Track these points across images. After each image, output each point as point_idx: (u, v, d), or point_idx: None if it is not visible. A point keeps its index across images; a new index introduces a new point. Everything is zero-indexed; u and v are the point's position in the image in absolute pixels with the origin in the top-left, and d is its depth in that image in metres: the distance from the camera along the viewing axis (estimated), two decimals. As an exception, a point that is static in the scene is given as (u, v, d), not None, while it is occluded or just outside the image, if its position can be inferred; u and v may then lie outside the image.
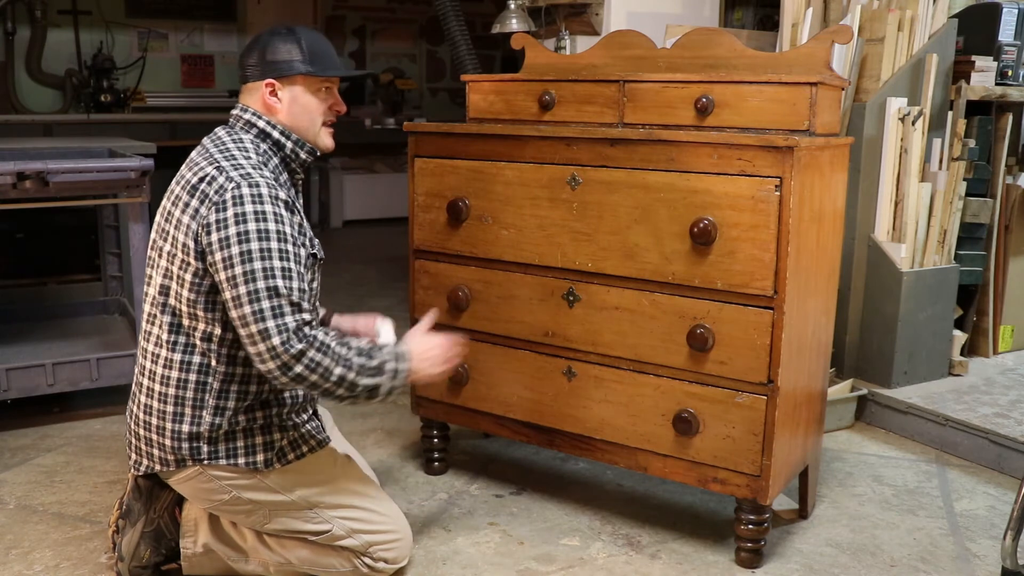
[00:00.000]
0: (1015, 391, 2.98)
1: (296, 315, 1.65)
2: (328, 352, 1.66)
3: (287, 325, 1.63)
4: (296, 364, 1.63)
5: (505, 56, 7.32)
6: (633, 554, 2.10)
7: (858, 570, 2.04)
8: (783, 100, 1.97)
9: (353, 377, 1.69)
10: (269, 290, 1.63)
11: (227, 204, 1.65)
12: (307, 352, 1.64)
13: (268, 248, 1.65)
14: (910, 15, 2.97)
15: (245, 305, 1.63)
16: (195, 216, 1.68)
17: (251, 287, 1.63)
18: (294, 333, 1.63)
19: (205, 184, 1.69)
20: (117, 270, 3.56)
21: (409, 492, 2.40)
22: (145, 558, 1.88)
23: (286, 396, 1.85)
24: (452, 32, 3.93)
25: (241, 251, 1.64)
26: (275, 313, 1.63)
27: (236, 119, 1.84)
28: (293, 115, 1.82)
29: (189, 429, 1.76)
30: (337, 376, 1.67)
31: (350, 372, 1.68)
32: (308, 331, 1.65)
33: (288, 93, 1.81)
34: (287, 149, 1.83)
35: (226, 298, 1.66)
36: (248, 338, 1.64)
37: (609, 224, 2.02)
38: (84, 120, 5.63)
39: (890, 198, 2.98)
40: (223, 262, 1.64)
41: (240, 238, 1.64)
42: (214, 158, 1.73)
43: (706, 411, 1.97)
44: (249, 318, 1.63)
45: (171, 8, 6.39)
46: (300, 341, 1.64)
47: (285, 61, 1.79)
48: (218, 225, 1.65)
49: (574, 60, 2.45)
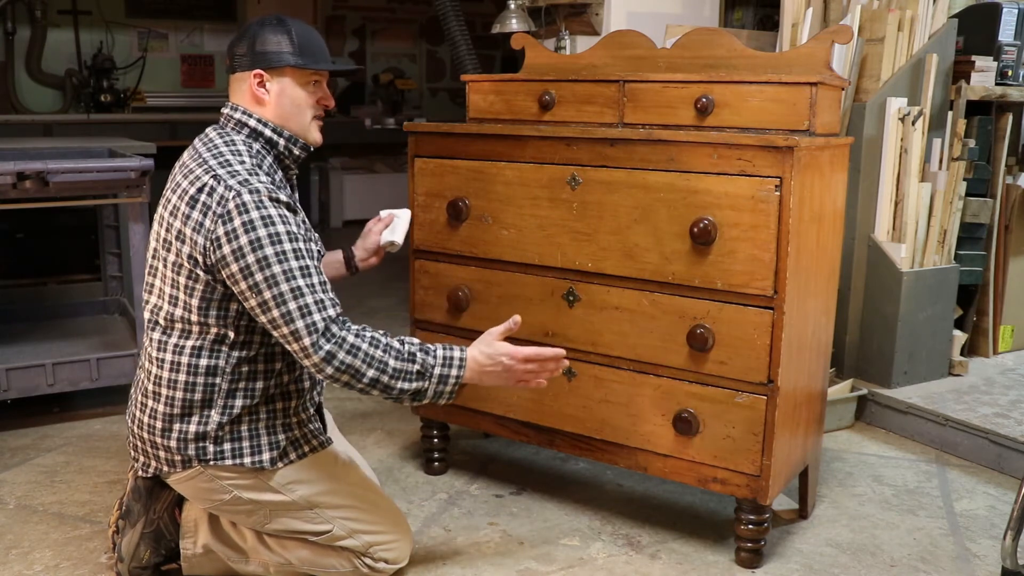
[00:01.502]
0: (1015, 391, 2.98)
1: (322, 312, 1.65)
2: (358, 354, 1.65)
3: (316, 325, 1.64)
4: (327, 366, 1.64)
5: (505, 56, 7.32)
6: (633, 554, 2.10)
7: (858, 570, 2.04)
8: (783, 100, 1.97)
9: (387, 381, 1.68)
10: (293, 291, 1.64)
11: (232, 215, 1.65)
12: (336, 355, 1.64)
13: (283, 251, 1.65)
14: (910, 15, 2.97)
15: (272, 310, 1.64)
16: (200, 230, 1.67)
17: (274, 291, 1.63)
18: (323, 334, 1.64)
19: (205, 195, 1.68)
20: (117, 270, 3.56)
21: (409, 492, 2.40)
22: (145, 559, 1.88)
23: (291, 392, 1.86)
24: (452, 32, 3.93)
25: (257, 259, 1.63)
26: (302, 313, 1.63)
27: (227, 119, 1.82)
28: (281, 107, 1.81)
29: (196, 429, 1.76)
30: (369, 379, 1.67)
31: (383, 375, 1.67)
32: (337, 330, 1.65)
33: (277, 85, 1.80)
34: (280, 147, 1.82)
35: (251, 305, 1.66)
36: (282, 339, 1.67)
37: (609, 224, 2.02)
38: (84, 120, 5.63)
39: (890, 198, 2.98)
40: (241, 272, 1.64)
41: (253, 246, 1.64)
42: (208, 164, 1.71)
43: (706, 411, 1.97)
44: (279, 321, 1.64)
45: (171, 8, 6.39)
46: (328, 342, 1.64)
47: (275, 52, 1.78)
48: (228, 237, 1.64)
49: (574, 60, 2.45)
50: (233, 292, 1.71)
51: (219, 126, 1.83)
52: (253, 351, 1.77)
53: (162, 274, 1.76)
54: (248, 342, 1.76)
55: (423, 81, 7.61)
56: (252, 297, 1.65)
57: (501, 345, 1.77)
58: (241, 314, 1.74)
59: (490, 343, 1.78)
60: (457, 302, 2.25)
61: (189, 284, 1.72)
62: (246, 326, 1.76)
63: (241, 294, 1.67)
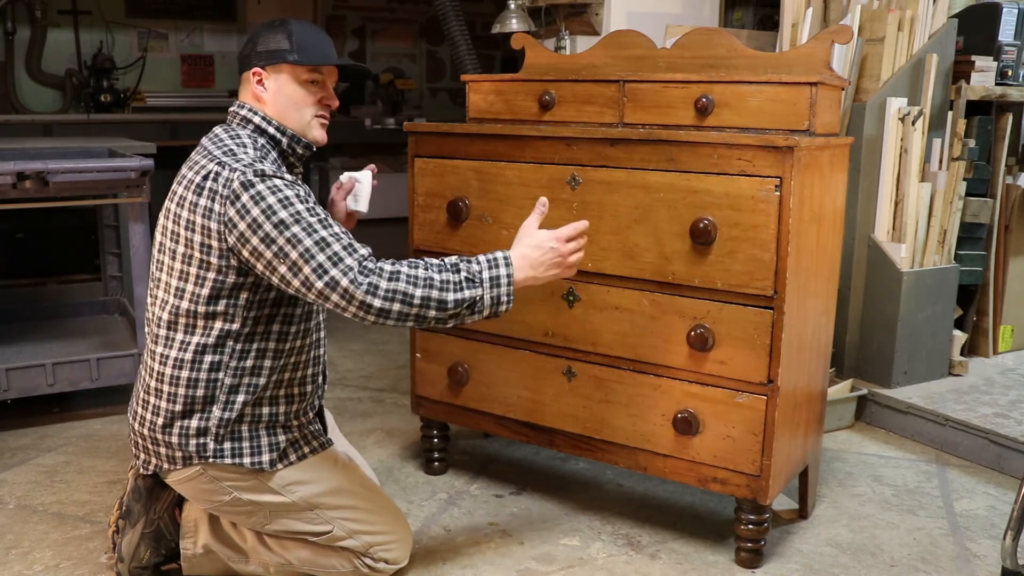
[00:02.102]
0: (1015, 391, 2.98)
1: (353, 255, 1.64)
2: (400, 277, 1.64)
3: (349, 266, 1.63)
4: (374, 299, 1.62)
5: (505, 56, 7.31)
6: (633, 554, 2.10)
7: (858, 570, 2.04)
8: (783, 100, 1.97)
9: (439, 296, 1.65)
10: (318, 244, 1.63)
11: (239, 192, 1.66)
12: (379, 284, 1.62)
13: (296, 211, 1.65)
14: (910, 15, 2.97)
15: (303, 267, 1.62)
16: (210, 215, 1.68)
17: (300, 248, 1.62)
18: (359, 272, 1.63)
19: (211, 181, 1.69)
20: (117, 270, 3.56)
21: (409, 492, 2.40)
22: (145, 559, 1.88)
23: (294, 394, 1.86)
24: (452, 32, 3.93)
25: (274, 223, 1.64)
26: (333, 261, 1.63)
27: (233, 116, 1.84)
28: (279, 105, 1.82)
29: (198, 424, 1.76)
30: (420, 298, 1.64)
31: (433, 290, 1.65)
32: (372, 264, 1.65)
33: (274, 82, 1.81)
34: (283, 144, 1.84)
35: (281, 273, 1.65)
36: (319, 295, 1.64)
37: (609, 224, 2.02)
38: (84, 120, 5.62)
39: (890, 198, 2.98)
40: (263, 242, 1.64)
41: (267, 214, 1.64)
42: (214, 155, 1.74)
43: (706, 411, 1.97)
44: (312, 277, 1.62)
45: (171, 8, 6.38)
46: (368, 275, 1.63)
47: (272, 50, 1.80)
48: (240, 214, 1.65)
49: (574, 60, 2.45)
50: (244, 281, 1.71)
51: (226, 124, 1.85)
52: (258, 345, 1.78)
53: (168, 267, 1.77)
54: (252, 335, 1.77)
55: (423, 81, 7.60)
56: (280, 263, 1.64)
57: (541, 233, 1.76)
58: (250, 304, 1.75)
59: (530, 234, 1.77)
60: (457, 302, 2.24)
61: (200, 274, 1.72)
62: (254, 317, 1.76)
63: (268, 265, 1.66)
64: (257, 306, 1.76)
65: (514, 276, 1.72)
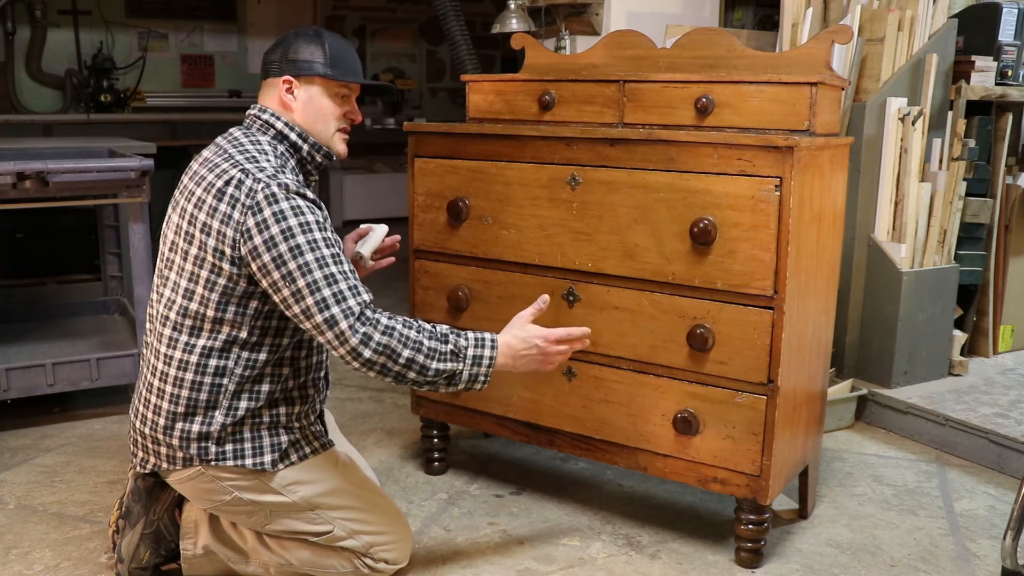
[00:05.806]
0: (1015, 391, 2.98)
1: (357, 298, 1.67)
2: (393, 334, 1.67)
3: (352, 310, 1.65)
4: (365, 349, 1.65)
5: (505, 56, 7.32)
6: (633, 554, 2.10)
7: (858, 570, 2.04)
8: (783, 100, 1.97)
9: (423, 361, 1.69)
10: (327, 278, 1.65)
11: (261, 205, 1.66)
12: (372, 336, 1.65)
13: (314, 239, 1.66)
14: (910, 15, 2.97)
15: (307, 297, 1.64)
16: (228, 222, 1.68)
17: (309, 279, 1.64)
18: (358, 318, 1.65)
19: (233, 188, 1.69)
20: (117, 270, 3.56)
21: (409, 492, 2.40)
22: (145, 559, 1.88)
23: (296, 397, 1.86)
24: (452, 32, 3.93)
25: (290, 247, 1.65)
26: (337, 299, 1.65)
27: (253, 120, 1.84)
28: (307, 115, 1.84)
29: (199, 429, 1.76)
30: (405, 359, 1.67)
31: (419, 355, 1.68)
32: (371, 314, 1.67)
33: (305, 92, 1.83)
34: (303, 151, 1.85)
35: (284, 296, 1.66)
36: (315, 328, 1.66)
37: (609, 224, 2.02)
38: (84, 120, 5.63)
39: (890, 198, 2.98)
40: (274, 261, 1.65)
41: (285, 235, 1.65)
42: (235, 159, 1.73)
43: (706, 411, 1.97)
44: (313, 309, 1.64)
45: (171, 8, 6.39)
46: (364, 324, 1.65)
47: (306, 61, 1.82)
48: (259, 227, 1.65)
49: (574, 60, 2.45)
50: (254, 290, 1.72)
51: (244, 126, 1.85)
52: (263, 354, 1.78)
53: (179, 267, 1.76)
54: (259, 344, 1.77)
55: (423, 81, 7.61)
56: (286, 287, 1.65)
57: (533, 328, 1.79)
58: (259, 313, 1.75)
59: (522, 326, 1.80)
60: (457, 302, 2.25)
61: (211, 278, 1.72)
62: (261, 327, 1.76)
63: (273, 285, 1.67)
64: (265, 316, 1.76)
65: (496, 360, 1.75)
